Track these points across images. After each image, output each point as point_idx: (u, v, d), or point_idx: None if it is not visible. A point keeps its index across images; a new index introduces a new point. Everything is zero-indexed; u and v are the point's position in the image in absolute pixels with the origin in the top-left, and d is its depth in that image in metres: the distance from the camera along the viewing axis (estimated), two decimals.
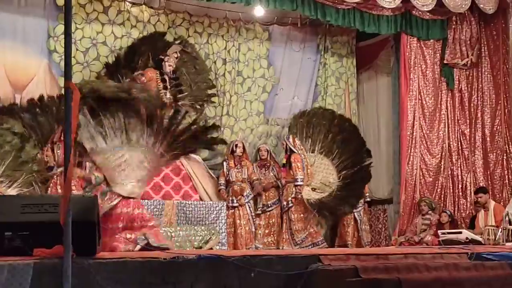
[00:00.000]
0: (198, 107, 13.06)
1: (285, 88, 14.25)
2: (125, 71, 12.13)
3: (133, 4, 12.85)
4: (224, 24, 13.74)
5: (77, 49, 12.26)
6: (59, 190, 10.56)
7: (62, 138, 10.85)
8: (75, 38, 12.14)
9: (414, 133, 13.92)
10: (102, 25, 12.57)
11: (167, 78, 12.32)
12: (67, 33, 5.17)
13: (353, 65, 15.07)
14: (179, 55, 12.59)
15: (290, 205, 12.41)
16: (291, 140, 12.75)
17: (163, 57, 12.40)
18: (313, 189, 12.79)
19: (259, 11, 13.46)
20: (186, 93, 12.83)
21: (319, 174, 12.94)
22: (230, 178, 12.50)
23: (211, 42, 13.63)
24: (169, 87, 12.34)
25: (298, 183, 12.42)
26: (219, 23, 13.69)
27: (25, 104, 11.26)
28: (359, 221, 13.64)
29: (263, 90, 14.09)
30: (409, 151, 13.86)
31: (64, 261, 4.85)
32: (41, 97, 11.31)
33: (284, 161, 12.68)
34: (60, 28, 11.88)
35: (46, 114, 11.18)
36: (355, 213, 13.52)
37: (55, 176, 10.50)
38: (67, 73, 5.13)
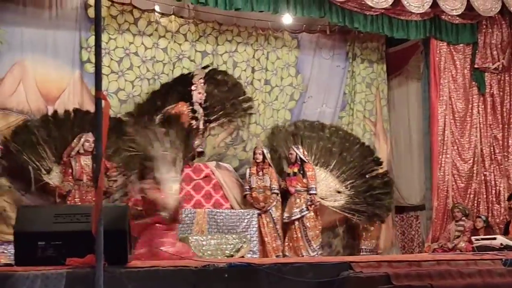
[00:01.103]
0: (236, 123, 13.17)
1: (314, 96, 14.23)
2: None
3: (163, 15, 12.94)
4: (253, 33, 13.78)
5: (111, 59, 12.42)
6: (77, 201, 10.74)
7: (80, 151, 11.02)
8: (108, 48, 12.32)
9: (445, 139, 13.85)
10: (133, 36, 12.69)
11: (197, 108, 12.25)
12: (98, 44, 5.20)
13: (383, 71, 15.02)
14: (203, 80, 12.54)
15: (305, 212, 12.32)
16: (301, 150, 12.65)
17: (190, 88, 12.36)
18: (322, 198, 12.72)
19: (287, 19, 13.47)
20: (220, 113, 12.87)
21: (320, 184, 12.83)
22: (251, 184, 12.49)
23: (240, 50, 13.66)
24: (201, 116, 12.30)
25: (314, 191, 12.37)
26: (248, 32, 13.73)
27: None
28: None
29: (291, 98, 14.08)
30: (441, 156, 13.79)
31: (96, 270, 4.86)
32: (55, 112, 11.54)
33: (296, 170, 12.54)
34: (93, 39, 11.92)
35: (60, 129, 11.36)
36: None
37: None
38: (98, 84, 5.16)
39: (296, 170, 12.47)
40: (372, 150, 13.79)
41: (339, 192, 12.84)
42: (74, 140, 11.16)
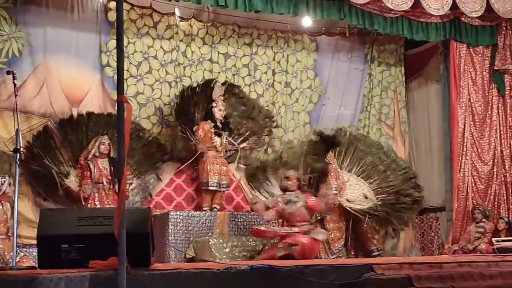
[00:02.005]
0: (262, 141, 13.23)
1: (332, 98, 14.24)
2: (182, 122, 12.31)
3: (182, 18, 12.97)
4: (272, 35, 13.80)
5: (130, 63, 12.44)
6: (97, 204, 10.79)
7: (96, 154, 11.09)
8: (127, 52, 12.33)
9: (465, 140, 13.82)
10: (152, 40, 12.73)
11: (220, 125, 12.26)
12: (119, 47, 5.23)
13: (401, 73, 15.01)
14: (222, 96, 12.51)
15: (324, 214, 12.24)
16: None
17: (211, 105, 12.35)
18: (347, 200, 12.61)
19: (307, 21, 13.47)
20: (247, 133, 12.90)
21: (353, 191, 12.72)
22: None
23: (260, 53, 13.69)
24: (223, 132, 12.30)
25: (334, 191, 12.30)
26: (267, 35, 13.75)
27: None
28: None
29: (310, 101, 14.09)
30: (460, 158, 13.76)
31: (119, 272, 4.89)
32: (71, 116, 11.64)
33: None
34: (113, 43, 12.07)
35: (76, 132, 11.43)
36: None
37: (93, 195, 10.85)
38: (120, 87, 5.19)
39: None
40: (416, 174, 13.55)
41: (366, 197, 12.73)
42: (91, 143, 11.21)
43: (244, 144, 12.74)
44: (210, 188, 11.84)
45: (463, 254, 12.38)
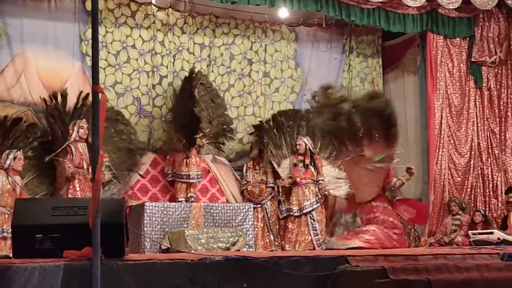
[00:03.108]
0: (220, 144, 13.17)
1: (313, 88, 14.18)
2: None
3: (159, 8, 12.93)
4: (250, 25, 13.80)
5: (108, 52, 12.44)
6: (78, 193, 10.72)
7: (76, 138, 11.01)
8: (106, 41, 12.33)
9: (442, 132, 13.85)
10: (130, 29, 12.70)
11: None
12: (94, 37, 5.19)
13: (379, 64, 15.03)
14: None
15: (316, 205, 12.29)
16: (311, 141, 12.58)
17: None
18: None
19: (284, 12, 13.49)
20: (208, 130, 12.85)
21: (327, 177, 12.76)
22: (247, 178, 12.54)
23: (237, 43, 13.67)
24: None
25: (324, 183, 12.35)
26: (245, 25, 13.75)
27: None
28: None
29: (292, 91, 14.10)
30: (437, 150, 13.79)
31: (93, 262, 4.86)
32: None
33: (307, 161, 12.49)
34: (90, 32, 12.02)
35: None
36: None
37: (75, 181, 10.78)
38: (95, 77, 5.15)
39: (307, 162, 12.41)
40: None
41: (339, 178, 12.75)
42: (70, 127, 11.15)
43: (204, 141, 12.69)
44: (191, 181, 11.89)
45: (439, 247, 12.41)
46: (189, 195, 11.95)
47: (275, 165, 12.73)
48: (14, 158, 10.38)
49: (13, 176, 10.37)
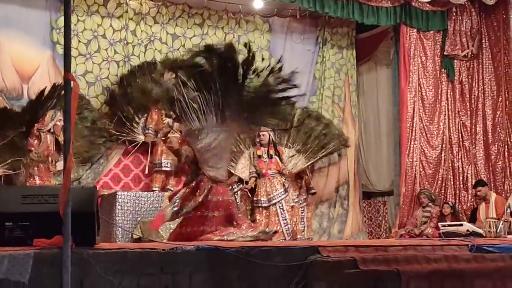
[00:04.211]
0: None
1: None
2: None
3: None
4: (223, 16, 13.75)
5: (79, 41, 12.37)
6: (37, 182, 10.64)
7: (51, 130, 10.93)
8: (77, 30, 12.26)
9: (414, 125, 13.92)
10: (101, 18, 12.64)
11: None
12: (67, 25, 5.17)
13: (353, 56, 15.04)
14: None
15: (284, 196, 12.28)
16: (271, 131, 12.55)
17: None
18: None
19: (258, 3, 13.48)
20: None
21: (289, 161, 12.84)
22: None
23: (210, 34, 13.63)
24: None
25: (286, 171, 12.37)
26: (218, 15, 13.71)
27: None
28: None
29: None
30: (409, 143, 13.86)
31: (63, 251, 4.86)
32: None
33: (272, 152, 12.47)
34: (62, 20, 11.90)
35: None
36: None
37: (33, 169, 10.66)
38: (67, 65, 5.14)
39: (272, 152, 12.39)
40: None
41: (291, 156, 12.80)
42: (46, 115, 11.05)
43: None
44: (164, 168, 11.84)
45: (409, 238, 12.49)
46: (167, 187, 11.90)
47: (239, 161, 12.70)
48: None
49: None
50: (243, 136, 12.31)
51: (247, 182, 12.39)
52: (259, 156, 12.36)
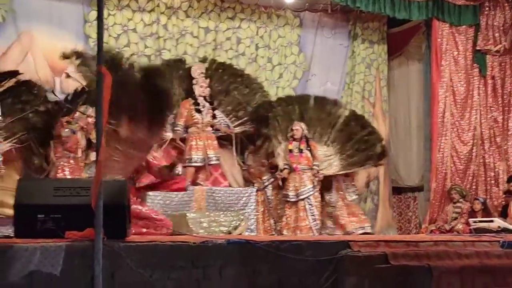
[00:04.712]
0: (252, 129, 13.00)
1: (318, 74, 14.20)
2: None
3: None
4: (255, 10, 13.72)
5: (109, 35, 12.35)
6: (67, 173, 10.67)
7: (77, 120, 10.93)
8: (107, 24, 12.26)
9: (445, 121, 13.84)
10: (132, 12, 12.65)
11: (201, 102, 12.24)
12: (100, 18, 5.19)
13: (384, 51, 14.97)
14: (203, 73, 12.48)
15: (312, 192, 12.23)
16: (304, 125, 12.51)
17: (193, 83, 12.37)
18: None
19: None
20: (245, 119, 12.81)
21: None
22: (246, 162, 12.58)
23: (244, 27, 13.62)
24: (207, 109, 12.25)
25: (318, 167, 12.30)
26: (251, 9, 13.68)
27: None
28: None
29: (294, 77, 14.04)
30: (440, 138, 13.78)
31: (95, 244, 4.88)
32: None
33: (303, 146, 12.42)
34: (94, 14, 12.01)
35: None
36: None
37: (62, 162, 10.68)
38: (99, 58, 5.15)
39: (302, 147, 12.36)
40: (326, 98, 13.50)
41: (328, 155, 12.74)
42: (77, 113, 11.05)
43: (238, 130, 12.64)
44: (194, 164, 11.84)
45: (440, 234, 12.44)
46: (197, 181, 11.91)
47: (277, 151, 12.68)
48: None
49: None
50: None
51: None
52: (290, 151, 12.34)
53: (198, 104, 12.10)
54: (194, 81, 12.27)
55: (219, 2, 13.37)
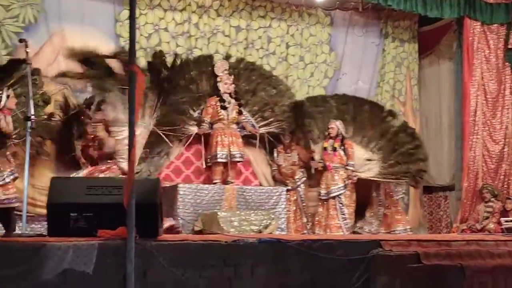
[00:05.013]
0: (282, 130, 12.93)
1: (349, 73, 14.17)
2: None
3: None
4: (286, 9, 13.71)
5: (140, 35, 12.39)
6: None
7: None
8: (138, 23, 12.28)
9: (477, 119, 13.76)
10: (164, 11, 12.68)
11: (226, 98, 12.25)
12: (132, 17, 5.21)
13: (415, 50, 14.93)
14: (227, 70, 12.50)
15: (343, 190, 12.22)
16: (343, 124, 12.49)
17: (217, 80, 12.39)
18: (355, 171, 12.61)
19: None
20: (271, 120, 12.77)
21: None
22: (279, 162, 12.56)
23: (274, 26, 13.61)
24: (233, 105, 12.27)
25: (352, 167, 12.26)
26: (281, 8, 13.67)
27: None
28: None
29: (325, 76, 14.02)
30: (472, 137, 13.70)
31: (127, 242, 4.89)
32: None
33: (337, 145, 12.42)
34: (125, 13, 12.06)
35: None
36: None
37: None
38: (132, 57, 5.17)
39: (336, 145, 12.34)
40: (382, 106, 13.56)
41: (369, 160, 12.69)
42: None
43: (263, 131, 12.63)
44: (219, 160, 11.83)
45: (471, 233, 12.37)
46: (227, 179, 11.92)
47: (312, 146, 12.69)
48: (8, 96, 10.07)
49: (7, 115, 10.14)
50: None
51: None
52: (325, 148, 12.36)
53: (223, 101, 12.12)
54: (218, 79, 12.28)
55: (250, 1, 13.38)
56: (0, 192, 9.08)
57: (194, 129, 12.06)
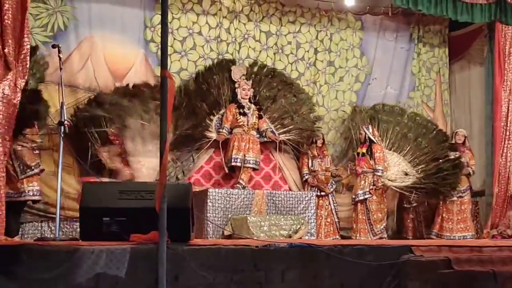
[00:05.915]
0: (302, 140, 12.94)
1: (378, 78, 14.16)
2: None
3: None
4: (316, 14, 13.74)
5: (174, 39, 12.48)
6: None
7: None
8: (172, 27, 12.37)
9: (508, 124, 13.64)
10: (197, 16, 12.74)
11: (245, 104, 12.25)
12: (164, 22, 5.24)
13: (445, 54, 14.90)
14: (244, 76, 12.53)
15: (368, 196, 12.22)
16: (370, 130, 12.52)
17: (235, 86, 12.39)
18: (390, 180, 12.61)
19: (350, 1, 13.40)
20: (290, 127, 12.78)
21: (392, 168, 12.71)
22: (313, 167, 12.55)
23: (303, 31, 13.64)
24: (253, 110, 12.30)
25: (379, 173, 12.25)
26: (311, 13, 13.70)
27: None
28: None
29: (356, 80, 14.02)
30: (503, 142, 13.60)
31: (159, 246, 4.92)
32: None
33: (364, 150, 12.45)
34: (157, 18, 12.13)
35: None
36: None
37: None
38: (164, 62, 5.20)
39: (364, 150, 12.39)
40: (447, 136, 13.56)
41: (406, 174, 12.69)
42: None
43: (283, 138, 12.62)
44: (233, 163, 11.87)
45: (502, 239, 12.30)
46: (238, 180, 11.94)
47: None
48: None
49: None
50: None
51: None
52: (357, 154, 12.47)
53: (243, 107, 12.14)
54: (236, 85, 12.32)
55: (280, 6, 13.42)
56: (25, 184, 9.26)
57: (213, 135, 12.10)
